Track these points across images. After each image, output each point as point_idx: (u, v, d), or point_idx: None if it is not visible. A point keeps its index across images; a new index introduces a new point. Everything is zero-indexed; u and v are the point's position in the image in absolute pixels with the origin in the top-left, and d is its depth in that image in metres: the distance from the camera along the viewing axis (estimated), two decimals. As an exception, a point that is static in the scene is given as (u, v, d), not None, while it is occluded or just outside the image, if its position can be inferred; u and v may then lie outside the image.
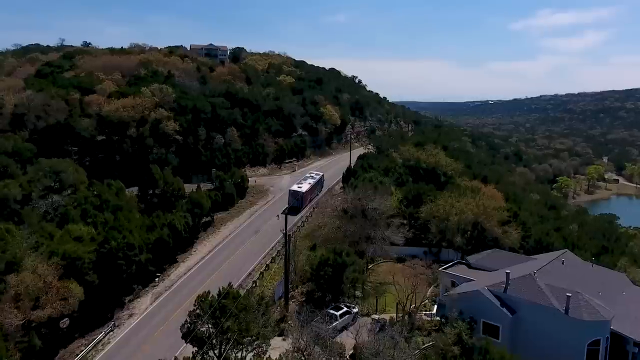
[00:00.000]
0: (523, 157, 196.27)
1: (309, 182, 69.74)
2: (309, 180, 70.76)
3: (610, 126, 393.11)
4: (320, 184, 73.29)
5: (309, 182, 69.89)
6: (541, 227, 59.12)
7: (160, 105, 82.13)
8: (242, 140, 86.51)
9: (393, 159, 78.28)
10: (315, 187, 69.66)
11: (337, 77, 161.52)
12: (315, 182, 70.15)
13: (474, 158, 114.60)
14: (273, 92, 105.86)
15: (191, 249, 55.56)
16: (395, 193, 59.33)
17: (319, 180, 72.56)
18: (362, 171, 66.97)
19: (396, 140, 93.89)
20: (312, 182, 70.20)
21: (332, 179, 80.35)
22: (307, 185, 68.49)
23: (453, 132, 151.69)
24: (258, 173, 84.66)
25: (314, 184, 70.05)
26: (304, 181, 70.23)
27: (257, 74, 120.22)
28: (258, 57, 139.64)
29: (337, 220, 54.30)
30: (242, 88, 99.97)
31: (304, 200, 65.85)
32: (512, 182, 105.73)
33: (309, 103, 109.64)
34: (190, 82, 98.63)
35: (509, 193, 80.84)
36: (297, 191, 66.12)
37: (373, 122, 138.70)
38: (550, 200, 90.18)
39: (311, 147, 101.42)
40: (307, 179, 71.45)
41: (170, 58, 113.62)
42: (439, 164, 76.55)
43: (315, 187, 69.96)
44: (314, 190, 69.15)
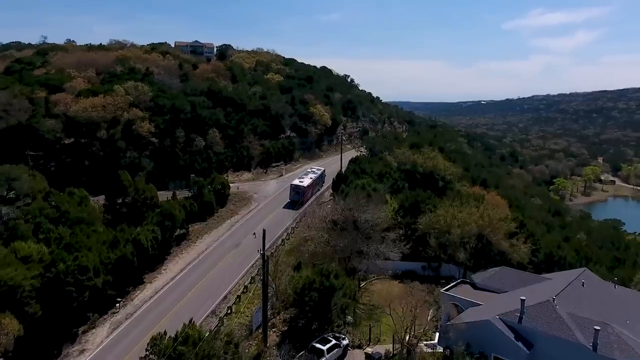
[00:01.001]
0: (519, 158, 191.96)
1: (310, 177, 69.09)
2: (311, 175, 70.20)
3: (604, 126, 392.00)
4: (321, 179, 72.44)
5: (311, 176, 69.35)
6: (550, 238, 53.69)
7: (135, 104, 75.65)
8: (225, 142, 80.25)
9: (387, 163, 72.54)
10: (316, 182, 68.50)
11: (329, 75, 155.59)
12: (317, 177, 69.23)
13: (471, 160, 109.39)
14: (260, 91, 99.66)
15: (161, 267, 49.23)
16: (391, 202, 53.51)
17: (320, 175, 71.67)
18: (354, 177, 61.13)
19: (390, 142, 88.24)
20: (313, 177, 69.42)
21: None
22: (308, 179, 67.95)
23: (448, 133, 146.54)
24: (242, 178, 78.42)
25: (315, 178, 69.09)
26: (305, 176, 69.86)
27: (243, 72, 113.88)
28: (245, 55, 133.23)
29: (325, 233, 48.37)
30: (226, 86, 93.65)
31: (305, 194, 65.16)
32: (512, 186, 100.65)
33: (298, 102, 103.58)
34: (171, 80, 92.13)
35: (512, 199, 75.61)
36: (298, 185, 65.67)
37: (366, 122, 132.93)
38: (554, 206, 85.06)
39: (300, 150, 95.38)
40: (309, 173, 71.15)
41: (151, 55, 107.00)
42: (437, 168, 70.94)
43: (317, 182, 68.84)
44: (315, 185, 68.08)
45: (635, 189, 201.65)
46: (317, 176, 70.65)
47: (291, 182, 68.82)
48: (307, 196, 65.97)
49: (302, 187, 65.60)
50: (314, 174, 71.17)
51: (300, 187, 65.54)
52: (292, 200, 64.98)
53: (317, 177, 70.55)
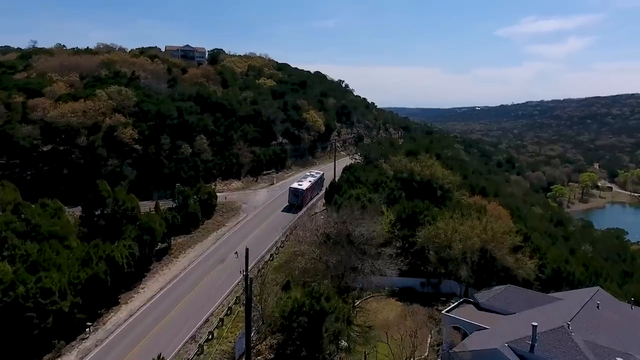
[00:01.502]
0: (516, 165, 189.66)
1: (309, 180, 69.35)
2: (309, 178, 70.54)
3: (598, 132, 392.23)
4: (320, 183, 72.15)
5: (309, 180, 69.62)
6: (557, 252, 50.44)
7: (118, 110, 72.05)
8: (213, 149, 76.69)
9: (383, 171, 69.31)
10: (315, 186, 68.32)
11: (323, 80, 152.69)
12: (316, 180, 69.35)
13: (468, 167, 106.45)
14: (251, 96, 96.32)
15: (139, 285, 45.43)
16: (387, 214, 50.15)
17: (319, 179, 71.79)
18: (348, 186, 57.77)
19: (386, 149, 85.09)
20: (312, 180, 69.70)
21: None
22: (307, 183, 68.11)
23: (445, 140, 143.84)
24: (231, 187, 74.81)
25: (314, 182, 69.22)
26: (304, 179, 70.20)
27: (234, 77, 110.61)
28: (237, 59, 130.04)
29: (317, 248, 44.88)
30: (215, 91, 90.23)
31: (305, 198, 65.12)
32: (511, 194, 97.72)
33: (290, 108, 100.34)
34: (158, 85, 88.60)
35: (513, 209, 72.56)
36: (297, 189, 65.63)
37: (361, 128, 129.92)
38: (555, 215, 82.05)
39: (292, 157, 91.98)
40: (307, 177, 71.55)
41: (138, 59, 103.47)
42: (435, 177, 67.77)
43: (316, 185, 68.68)
44: (314, 189, 67.84)
45: (632, 195, 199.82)
46: (315, 180, 70.54)
47: (288, 187, 68.35)
48: (306, 199, 65.42)
49: (301, 190, 65.17)
50: (312, 177, 70.95)
51: (299, 190, 65.21)
52: (291, 203, 64.69)
53: (315, 180, 70.42)
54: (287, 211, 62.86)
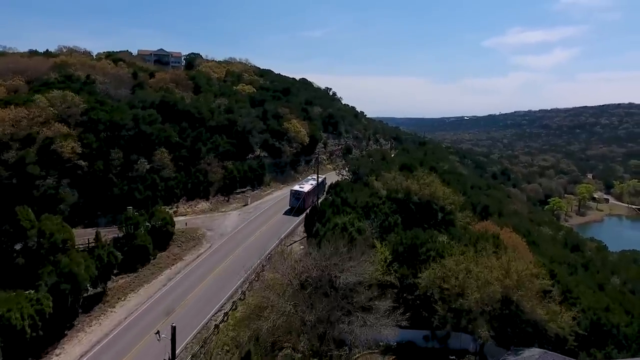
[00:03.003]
0: (511, 177, 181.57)
1: (310, 184, 68.62)
2: (311, 181, 70.03)
3: (588, 142, 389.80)
4: (322, 187, 70.26)
5: (311, 183, 68.93)
6: (592, 296, 40.54)
7: (62, 118, 60.91)
8: (177, 164, 65.77)
9: (375, 190, 59.09)
10: (316, 190, 66.00)
11: (309, 87, 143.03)
12: (317, 184, 67.23)
13: (467, 182, 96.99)
14: (225, 103, 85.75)
15: (54, 349, 34.13)
16: (381, 249, 39.78)
17: (320, 183, 69.67)
18: (333, 211, 47.38)
19: (377, 163, 75.04)
20: (314, 183, 68.17)
21: (288, 222, 60.10)
22: (308, 186, 67.43)
23: (439, 151, 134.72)
24: (196, 209, 63.84)
25: (315, 185, 67.10)
26: (306, 183, 70.26)
27: (209, 83, 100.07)
28: (214, 65, 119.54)
29: (291, 298, 34.38)
30: (183, 98, 79.48)
31: (306, 200, 63.67)
32: (515, 212, 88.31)
33: (271, 117, 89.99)
34: (118, 91, 77.59)
35: (524, 232, 62.94)
36: (298, 191, 64.78)
37: (349, 139, 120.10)
38: (569, 237, 72.52)
39: (272, 172, 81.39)
40: (309, 180, 71.49)
41: (100, 62, 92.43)
42: (435, 196, 57.84)
43: (317, 189, 66.27)
44: (315, 193, 65.26)
45: (630, 207, 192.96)
46: (317, 183, 68.67)
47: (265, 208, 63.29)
48: (308, 203, 63.60)
49: (302, 192, 64.12)
50: (314, 181, 69.63)
51: (300, 192, 64.24)
52: (292, 206, 63.90)
53: (317, 184, 68.41)
54: (288, 214, 62.43)
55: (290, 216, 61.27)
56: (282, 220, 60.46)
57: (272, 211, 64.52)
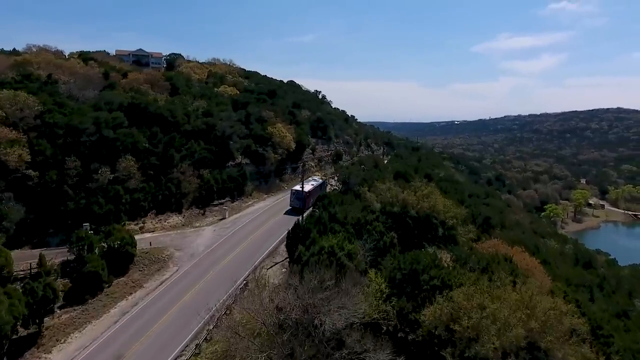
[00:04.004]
0: (506, 183, 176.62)
1: (311, 184, 68.09)
2: (312, 182, 69.78)
3: (579, 146, 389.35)
4: (323, 188, 69.79)
5: (312, 184, 68.59)
6: (622, 332, 34.26)
7: (11, 122, 53.46)
8: (145, 174, 58.56)
9: (367, 202, 52.51)
10: (317, 190, 65.87)
11: (297, 90, 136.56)
12: (318, 185, 68.15)
13: (465, 190, 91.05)
14: (204, 106, 78.72)
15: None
16: (376, 279, 33.08)
17: (322, 184, 70.63)
18: (319, 230, 40.58)
19: (370, 172, 68.46)
20: (315, 184, 68.51)
21: (271, 238, 53.23)
22: (309, 186, 66.42)
23: (433, 157, 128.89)
24: (167, 224, 56.57)
25: (316, 186, 67.81)
26: (307, 183, 68.54)
27: (188, 84, 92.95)
28: (196, 65, 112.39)
29: (265, 345, 27.58)
30: (155, 99, 72.24)
31: (307, 201, 62.21)
32: (517, 222, 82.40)
33: (254, 121, 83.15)
34: (83, 91, 70.15)
35: (531, 248, 56.87)
36: (299, 191, 63.49)
37: (339, 144, 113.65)
38: (579, 251, 66.54)
39: (254, 181, 74.43)
40: (310, 181, 70.92)
41: (68, 61, 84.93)
42: (435, 210, 51.47)
43: (318, 190, 66.32)
44: (316, 193, 64.34)
45: (626, 213, 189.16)
46: (318, 184, 69.22)
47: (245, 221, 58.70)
48: (309, 203, 61.73)
49: (303, 192, 62.71)
50: (315, 182, 70.13)
51: (301, 192, 62.97)
52: (293, 207, 63.13)
53: (318, 185, 68.91)
54: (290, 214, 60.94)
55: (291, 216, 59.07)
56: (266, 235, 53.53)
57: (252, 226, 57.55)
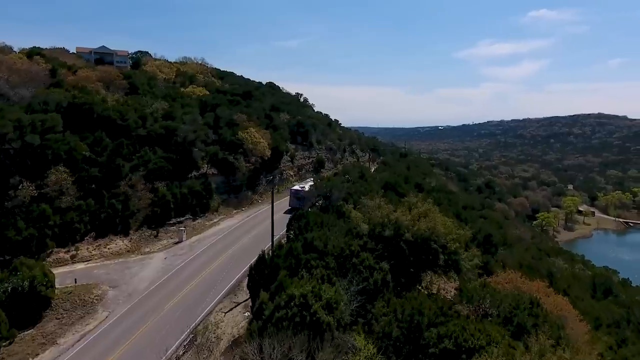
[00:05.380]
0: (496, 190, 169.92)
1: (309, 184, 63.86)
2: (310, 182, 65.24)
3: (563, 152, 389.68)
4: None
5: (310, 184, 64.00)
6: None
7: None
8: (83, 188, 48.13)
9: (353, 224, 43.11)
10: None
11: (276, 92, 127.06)
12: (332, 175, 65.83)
13: (459, 201, 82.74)
14: (165, 107, 68.53)
15: None
16: (365, 348, 23.64)
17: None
18: (290, 267, 30.96)
19: (355, 184, 59.12)
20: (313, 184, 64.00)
21: (235, 269, 43.36)
22: (309, 186, 62.85)
23: (422, 164, 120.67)
24: (107, 250, 46.13)
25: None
26: (305, 183, 67.65)
27: (150, 83, 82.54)
28: (163, 64, 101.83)
29: None
30: (103, 99, 61.71)
31: (306, 200, 59.68)
32: (519, 238, 74.26)
33: (224, 125, 73.28)
34: (17, 90, 59.31)
35: (544, 272, 48.37)
36: (299, 190, 62.81)
37: (321, 151, 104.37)
38: (598, 278, 58.40)
39: (222, 194, 64.49)
40: (308, 181, 68.44)
41: (7, 56, 73.66)
42: (435, 231, 42.37)
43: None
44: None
45: (617, 221, 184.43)
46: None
47: (209, 243, 49.04)
48: (308, 203, 58.58)
49: (303, 192, 61.30)
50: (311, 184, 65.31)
51: (301, 192, 61.77)
52: (293, 207, 60.92)
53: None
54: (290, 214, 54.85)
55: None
56: (229, 263, 43.60)
57: (214, 251, 47.52)
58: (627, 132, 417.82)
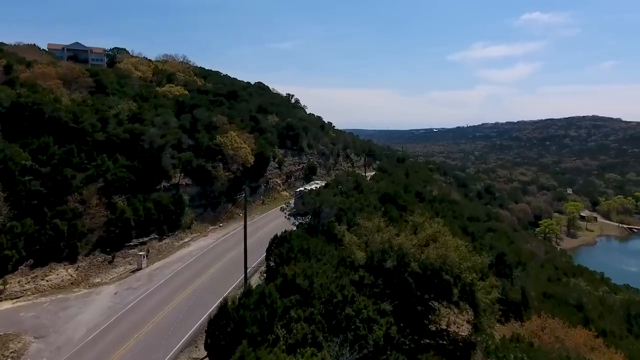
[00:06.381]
0: (497, 195, 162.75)
1: (314, 186, 62.13)
2: (314, 185, 64.42)
3: (559, 154, 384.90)
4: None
5: (314, 186, 61.61)
6: None
7: None
8: (19, 206, 39.72)
9: (346, 251, 35.00)
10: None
11: (265, 93, 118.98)
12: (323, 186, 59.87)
13: (464, 212, 75.15)
14: (133, 108, 60.21)
15: None
16: None
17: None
18: (261, 326, 22.90)
19: (350, 197, 50.88)
20: (317, 187, 59.78)
21: (200, 309, 35.13)
22: (313, 188, 59.51)
23: (421, 169, 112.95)
24: (44, 283, 37.61)
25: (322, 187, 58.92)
26: (309, 185, 66.05)
27: (121, 81, 74.13)
28: (139, 61, 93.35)
29: None
30: (57, 99, 53.30)
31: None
32: (532, 254, 66.66)
33: (202, 127, 65.09)
34: (-44, 87, 50.79)
35: (572, 304, 40.73)
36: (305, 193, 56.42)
37: (313, 156, 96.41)
38: (633, 305, 50.71)
39: (198, 207, 56.23)
40: (312, 184, 67.64)
41: (-45, 49, 65.09)
42: (448, 260, 34.49)
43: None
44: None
45: (621, 227, 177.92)
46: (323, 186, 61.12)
47: (160, 274, 39.09)
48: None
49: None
50: (317, 185, 63.64)
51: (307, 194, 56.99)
52: (297, 209, 56.96)
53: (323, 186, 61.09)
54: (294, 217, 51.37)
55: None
56: (194, 300, 35.38)
57: (179, 281, 39.12)
58: (623, 134, 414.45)
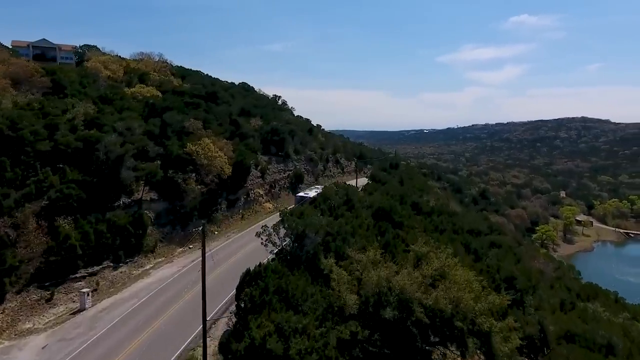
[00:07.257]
0: (491, 200, 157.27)
1: (315, 191, 63.20)
2: (315, 190, 64.52)
3: (550, 156, 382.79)
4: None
5: (315, 191, 63.37)
6: None
7: None
8: None
9: (334, 293, 27.99)
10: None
11: (248, 94, 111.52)
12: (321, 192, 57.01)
13: (464, 224, 68.75)
14: (91, 112, 52.50)
15: None
16: None
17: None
18: None
19: (340, 217, 43.58)
20: (318, 192, 59.53)
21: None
22: (314, 192, 61.60)
23: (415, 175, 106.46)
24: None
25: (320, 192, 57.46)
26: (310, 190, 66.07)
27: (84, 81, 66.26)
28: (109, 59, 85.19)
29: None
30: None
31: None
32: (540, 272, 60.44)
33: (172, 134, 57.60)
34: None
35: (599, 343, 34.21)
36: (304, 197, 59.86)
37: (300, 162, 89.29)
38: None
39: (165, 225, 48.74)
40: (313, 189, 67.02)
41: None
42: (461, 305, 27.76)
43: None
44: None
45: (618, 231, 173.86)
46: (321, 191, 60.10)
47: (108, 318, 31.64)
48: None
49: (308, 198, 57.61)
50: (318, 190, 63.05)
51: (306, 199, 57.57)
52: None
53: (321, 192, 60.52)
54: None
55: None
56: (149, 351, 28.15)
57: (130, 327, 31.64)
58: (613, 136, 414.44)
